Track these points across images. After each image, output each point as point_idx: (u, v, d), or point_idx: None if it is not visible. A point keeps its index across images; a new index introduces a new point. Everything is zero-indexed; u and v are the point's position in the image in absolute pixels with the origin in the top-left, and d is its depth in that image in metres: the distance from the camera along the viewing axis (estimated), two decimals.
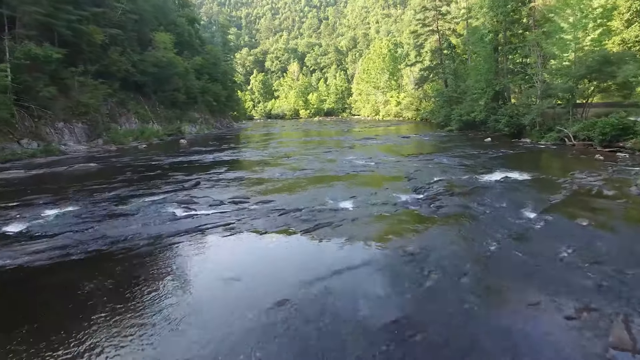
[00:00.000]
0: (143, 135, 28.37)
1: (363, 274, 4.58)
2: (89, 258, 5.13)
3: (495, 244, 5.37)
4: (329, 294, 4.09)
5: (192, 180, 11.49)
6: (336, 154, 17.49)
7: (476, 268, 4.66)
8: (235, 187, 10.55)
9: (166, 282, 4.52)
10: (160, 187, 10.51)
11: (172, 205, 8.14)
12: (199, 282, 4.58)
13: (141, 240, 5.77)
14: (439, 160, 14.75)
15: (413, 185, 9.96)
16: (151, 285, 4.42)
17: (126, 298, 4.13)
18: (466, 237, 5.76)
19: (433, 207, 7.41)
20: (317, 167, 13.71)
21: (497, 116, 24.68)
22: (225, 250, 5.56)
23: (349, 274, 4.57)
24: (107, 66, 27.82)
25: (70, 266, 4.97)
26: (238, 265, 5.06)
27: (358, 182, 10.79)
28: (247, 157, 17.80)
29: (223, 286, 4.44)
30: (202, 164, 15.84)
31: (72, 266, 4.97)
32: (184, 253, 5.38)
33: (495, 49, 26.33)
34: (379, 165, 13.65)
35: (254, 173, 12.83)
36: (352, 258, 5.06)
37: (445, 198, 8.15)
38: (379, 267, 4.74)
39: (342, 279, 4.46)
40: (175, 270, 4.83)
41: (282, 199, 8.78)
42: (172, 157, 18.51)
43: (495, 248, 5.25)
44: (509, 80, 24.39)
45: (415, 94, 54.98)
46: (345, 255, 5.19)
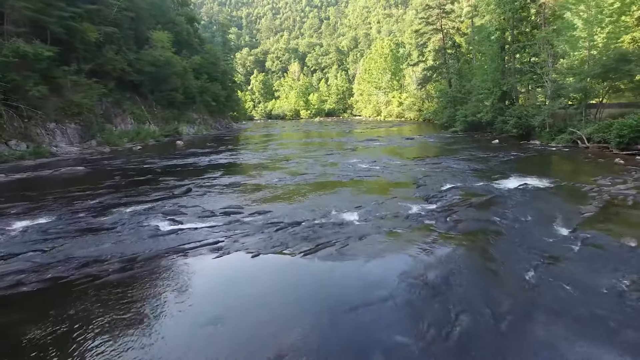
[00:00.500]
0: (138, 136, 27.54)
1: (375, 314, 3.70)
2: (43, 290, 4.27)
3: (530, 272, 4.51)
4: (331, 341, 3.23)
5: (184, 186, 10.64)
6: (338, 157, 16.63)
7: (514, 307, 3.79)
8: (230, 194, 9.69)
9: (133, 325, 3.66)
10: (148, 195, 9.65)
11: (156, 217, 7.29)
12: (174, 324, 3.71)
13: (112, 264, 4.91)
14: (447, 163, 13.88)
15: (423, 193, 9.10)
16: (113, 330, 3.56)
17: (77, 349, 3.27)
18: (495, 262, 4.89)
19: (450, 221, 6.54)
20: (318, 171, 12.85)
21: (504, 117, 23.80)
22: (208, 280, 4.69)
23: (358, 314, 3.69)
24: (102, 65, 26.97)
25: (18, 302, 4.11)
26: (223, 300, 4.20)
27: (363, 188, 9.93)
28: (245, 160, 16.95)
29: (203, 328, 3.58)
30: (197, 167, 14.99)
31: (19, 302, 4.11)
32: (160, 283, 4.50)
33: (502, 47, 25.44)
34: (384, 170, 12.79)
35: (251, 178, 11.97)
36: (361, 291, 4.20)
37: (462, 209, 7.28)
38: (395, 305, 3.87)
39: (349, 321, 3.59)
40: (146, 309, 3.96)
41: (279, 209, 7.92)
42: (166, 159, 17.67)
43: (531, 278, 4.38)
44: (517, 80, 23.49)
45: (417, 94, 54.08)
46: (353, 287, 4.33)
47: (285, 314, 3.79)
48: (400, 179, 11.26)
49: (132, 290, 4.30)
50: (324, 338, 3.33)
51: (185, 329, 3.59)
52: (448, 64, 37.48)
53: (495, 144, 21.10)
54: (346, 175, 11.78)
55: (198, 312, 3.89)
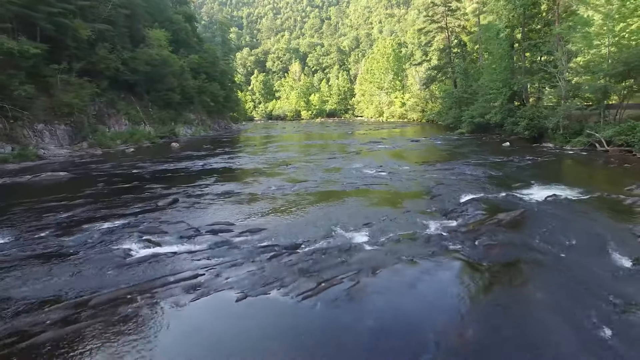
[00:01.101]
0: (132, 137, 26.48)
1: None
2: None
3: (601, 324, 3.41)
4: None
5: (171, 195, 9.55)
6: (341, 161, 15.53)
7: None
8: (220, 206, 8.60)
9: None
10: (128, 206, 8.56)
11: (131, 237, 6.20)
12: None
13: (54, 311, 3.80)
14: (460, 169, 12.77)
15: (439, 205, 8.00)
16: None
17: None
18: (549, 309, 3.78)
19: (479, 245, 5.43)
20: (320, 178, 11.75)
21: (514, 118, 22.69)
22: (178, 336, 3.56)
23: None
24: (95, 64, 25.91)
25: None
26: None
27: (371, 200, 8.82)
28: (241, 164, 15.86)
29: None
30: (189, 172, 13.90)
31: None
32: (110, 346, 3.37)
33: (511, 46, 24.33)
34: (392, 176, 11.68)
35: (246, 186, 10.88)
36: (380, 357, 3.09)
37: (490, 229, 6.17)
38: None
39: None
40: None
41: (275, 226, 6.83)
42: (158, 163, 16.59)
43: (604, 333, 3.28)
44: (528, 80, 22.36)
45: (421, 94, 52.95)
46: (368, 349, 3.22)
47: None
48: (411, 187, 10.16)
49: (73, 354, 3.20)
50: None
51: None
52: (453, 64, 36.35)
53: (506, 146, 19.98)
54: (351, 183, 10.67)
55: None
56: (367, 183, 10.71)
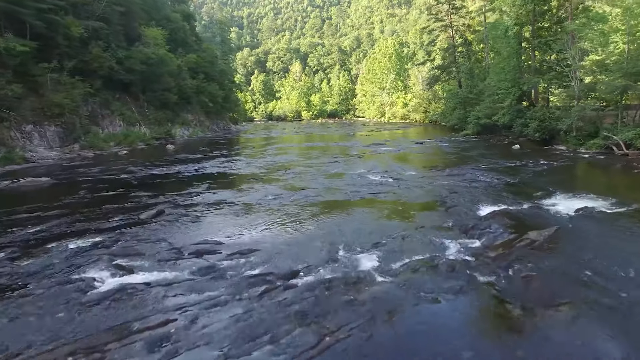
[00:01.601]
0: (127, 139, 25.57)
1: None
2: None
3: None
4: None
5: (157, 206, 8.62)
6: (344, 166, 14.59)
7: None
8: (209, 220, 7.67)
9: None
10: (106, 220, 7.63)
11: (100, 262, 5.27)
12: None
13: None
14: (472, 175, 11.82)
15: (457, 220, 7.06)
16: None
17: None
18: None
19: (514, 276, 4.49)
20: (321, 185, 10.81)
21: (524, 119, 21.73)
22: None
23: None
24: (88, 63, 25.03)
25: None
26: None
27: (378, 212, 7.88)
28: (238, 168, 14.92)
29: None
30: (181, 178, 12.97)
31: None
32: None
33: (519, 44, 23.40)
34: (399, 184, 10.74)
35: (241, 194, 9.94)
36: None
37: (522, 253, 5.23)
38: None
39: None
40: None
41: (270, 246, 5.90)
42: (150, 167, 15.66)
43: None
44: (539, 79, 21.39)
45: (423, 95, 52.02)
46: None
47: None
48: (421, 197, 9.21)
49: None
50: None
51: None
52: (458, 63, 35.39)
53: (517, 149, 19.03)
54: (355, 192, 9.73)
55: None
56: (373, 191, 9.76)
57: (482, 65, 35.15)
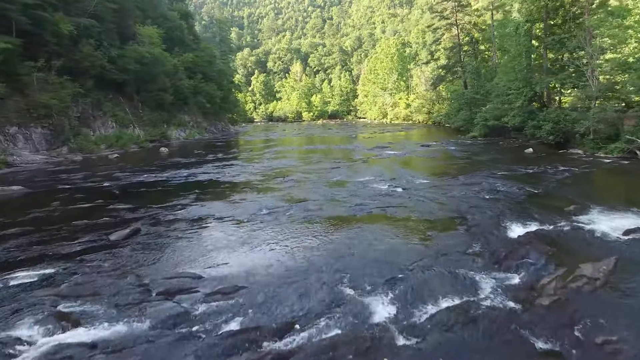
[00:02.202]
0: (119, 142, 24.47)
1: None
2: None
3: None
4: None
5: (133, 223, 7.49)
6: (347, 172, 13.44)
7: None
8: (190, 243, 6.52)
9: None
10: (70, 242, 6.51)
11: (40, 307, 4.14)
12: None
13: None
14: (489, 184, 10.66)
15: (484, 243, 5.91)
16: None
17: None
18: None
19: (588, 341, 3.33)
20: (322, 196, 9.66)
21: (536, 121, 20.54)
22: None
23: None
24: (78, 61, 23.93)
25: None
26: None
27: (390, 233, 6.72)
28: (232, 175, 13.78)
29: None
30: (169, 186, 11.84)
31: None
32: None
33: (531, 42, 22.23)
34: (410, 194, 9.58)
35: (231, 208, 8.79)
36: None
37: (585, 298, 4.08)
38: None
39: None
40: None
41: (259, 283, 4.77)
42: (138, 173, 14.54)
43: None
44: (552, 79, 20.22)
45: (427, 95, 50.84)
46: None
47: None
48: (437, 212, 8.05)
49: None
50: None
51: None
52: (463, 62, 34.22)
53: (530, 153, 17.86)
54: (360, 205, 8.57)
55: None
56: (381, 204, 8.61)
57: (488, 64, 33.99)
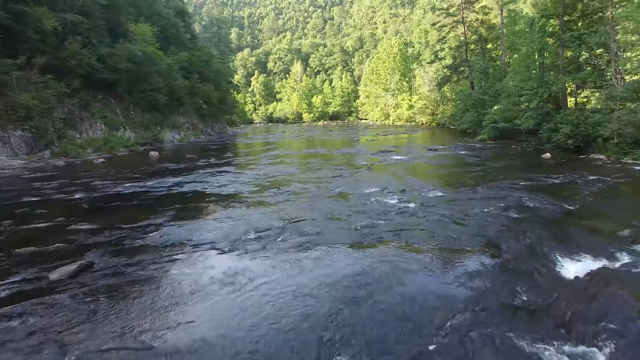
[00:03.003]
0: (107, 145, 23.09)
1: None
2: None
3: None
4: None
5: (87, 253, 6.06)
6: (349, 182, 11.98)
7: None
8: (148, 288, 5.07)
9: None
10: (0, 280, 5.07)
11: None
12: None
13: None
14: (514, 198, 9.20)
15: (536, 291, 4.47)
16: None
17: None
18: None
19: None
20: (321, 214, 8.21)
21: (552, 124, 19.08)
22: None
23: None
24: (64, 60, 22.59)
25: None
26: None
27: (406, 269, 5.26)
28: (221, 185, 12.34)
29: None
30: (147, 199, 10.40)
31: None
32: None
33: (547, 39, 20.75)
34: (425, 212, 8.13)
35: (212, 230, 7.35)
36: None
37: None
38: None
39: None
40: None
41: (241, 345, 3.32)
42: (119, 181, 13.11)
43: None
44: (571, 78, 18.76)
45: (430, 96, 49.35)
46: None
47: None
48: (462, 237, 6.59)
49: None
50: None
51: None
52: (470, 62, 32.76)
53: (548, 159, 16.38)
54: (367, 228, 7.12)
55: None
56: (392, 227, 7.16)
57: (496, 64, 32.53)
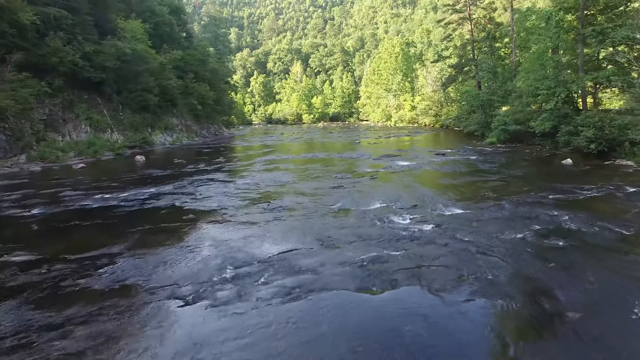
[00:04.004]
0: (91, 148, 21.53)
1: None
2: None
3: None
4: None
5: (4, 302, 4.49)
6: (352, 194, 10.41)
7: None
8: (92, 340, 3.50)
9: None
10: None
11: None
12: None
13: None
14: (550, 217, 7.66)
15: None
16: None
17: None
18: None
19: None
20: (317, 240, 6.64)
21: (572, 127, 17.52)
22: None
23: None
24: (45, 57, 21.07)
25: None
26: None
27: (430, 329, 3.69)
28: (203, 197, 10.77)
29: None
30: (113, 216, 8.84)
31: None
32: None
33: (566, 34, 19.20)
34: (446, 237, 6.56)
35: (179, 264, 5.79)
36: None
37: None
38: None
39: None
40: None
41: None
42: (92, 191, 11.56)
43: None
44: (593, 76, 17.19)
45: (434, 97, 47.79)
46: None
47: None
48: (498, 276, 5.02)
49: None
50: None
51: None
52: (478, 61, 31.22)
53: (570, 165, 14.82)
54: (376, 262, 5.55)
55: None
56: (408, 261, 5.59)
57: (505, 63, 30.98)
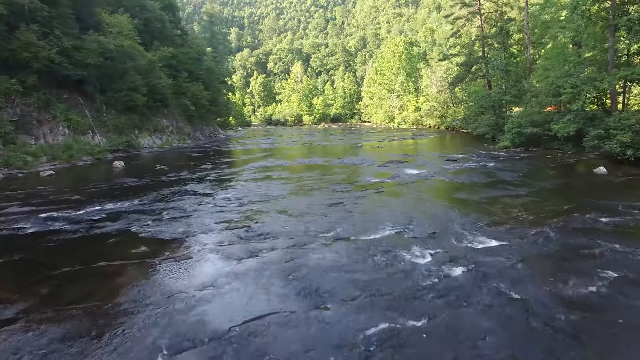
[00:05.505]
0: (67, 153, 19.60)
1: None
2: None
3: None
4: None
5: None
6: (353, 216, 8.41)
7: None
8: None
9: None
10: None
11: None
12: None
13: None
14: (611, 249, 5.75)
15: None
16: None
17: None
18: None
19: None
20: (305, 296, 4.66)
21: (601, 130, 15.54)
22: None
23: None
24: (15, 51, 19.21)
25: None
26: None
27: None
28: (170, 219, 8.80)
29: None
30: (47, 247, 6.88)
31: None
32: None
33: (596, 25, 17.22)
34: (483, 288, 4.58)
35: (104, 339, 3.80)
36: None
37: None
38: None
39: None
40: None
41: None
42: (43, 208, 9.63)
43: None
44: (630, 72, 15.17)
45: (439, 97, 45.78)
46: None
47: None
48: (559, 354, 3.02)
49: None
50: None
51: None
52: (488, 58, 29.21)
53: (605, 175, 12.79)
54: (389, 339, 3.55)
55: None
56: (436, 341, 3.60)
57: (517, 60, 28.97)
